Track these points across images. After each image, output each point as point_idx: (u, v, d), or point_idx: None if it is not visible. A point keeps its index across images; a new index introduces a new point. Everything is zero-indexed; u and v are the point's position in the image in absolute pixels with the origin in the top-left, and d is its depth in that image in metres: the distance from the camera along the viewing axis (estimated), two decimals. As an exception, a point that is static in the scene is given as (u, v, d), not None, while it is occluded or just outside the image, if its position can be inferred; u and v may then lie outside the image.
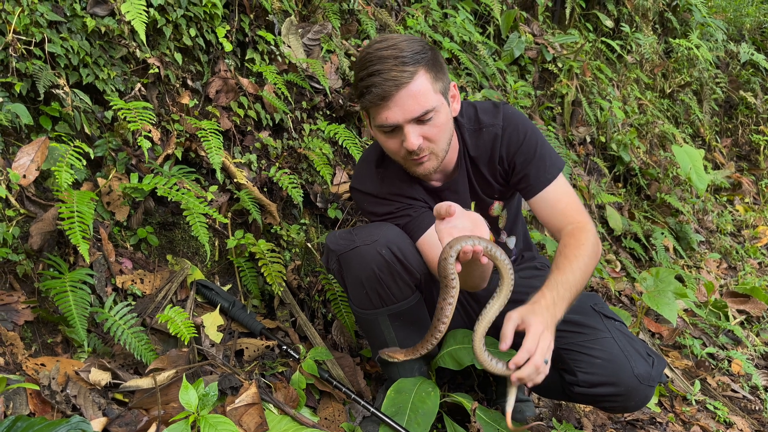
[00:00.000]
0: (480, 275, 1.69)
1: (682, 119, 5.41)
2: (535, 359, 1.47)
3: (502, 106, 1.87)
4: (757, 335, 3.68)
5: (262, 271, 2.19)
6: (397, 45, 1.61)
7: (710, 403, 2.79)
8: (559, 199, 1.81)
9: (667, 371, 2.89)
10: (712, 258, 4.48)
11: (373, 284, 1.78)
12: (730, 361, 3.27)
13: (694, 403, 2.77)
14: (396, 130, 1.67)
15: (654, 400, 2.64)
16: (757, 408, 2.90)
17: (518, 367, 1.48)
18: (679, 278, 3.78)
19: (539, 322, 1.50)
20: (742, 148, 6.18)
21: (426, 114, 1.63)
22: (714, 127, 5.90)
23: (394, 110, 1.61)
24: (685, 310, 3.58)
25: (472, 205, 1.94)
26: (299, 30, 2.66)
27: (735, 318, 3.72)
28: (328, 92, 2.58)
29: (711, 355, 3.29)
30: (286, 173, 2.34)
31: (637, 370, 1.68)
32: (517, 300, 1.91)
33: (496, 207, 1.98)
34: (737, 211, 5.42)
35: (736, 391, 3.01)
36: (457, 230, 1.48)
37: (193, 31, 2.21)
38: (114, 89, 2.02)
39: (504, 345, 1.51)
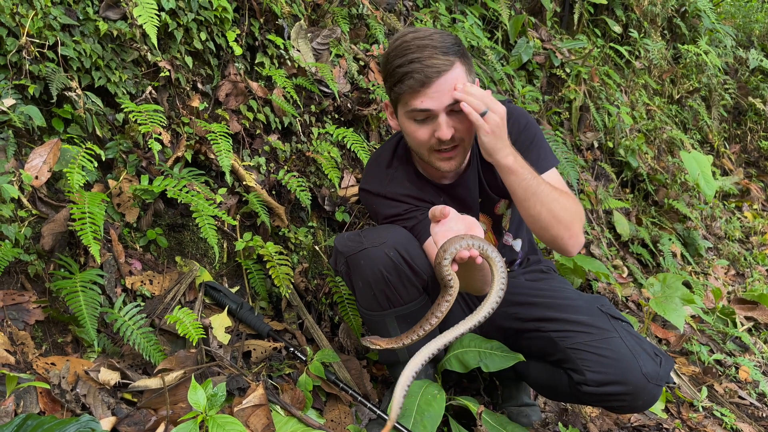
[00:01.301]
0: (481, 279, 1.69)
1: (690, 125, 5.40)
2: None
3: (507, 103, 1.89)
4: (765, 342, 3.66)
5: (269, 273, 2.20)
6: (432, 36, 1.67)
7: (717, 410, 2.78)
8: (554, 186, 1.80)
9: (674, 377, 2.88)
10: (720, 264, 4.46)
11: (380, 285, 1.79)
12: (737, 368, 3.25)
13: (701, 409, 2.76)
14: (428, 120, 1.69)
15: (661, 405, 2.63)
16: (764, 415, 2.89)
17: None
18: (687, 284, 3.76)
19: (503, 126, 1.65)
20: (750, 155, 6.16)
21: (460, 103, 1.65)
22: (722, 133, 5.88)
23: (433, 97, 1.64)
24: (693, 317, 3.57)
25: (478, 201, 1.95)
26: (308, 34, 2.68)
27: (743, 325, 3.71)
28: (337, 96, 2.60)
29: (718, 361, 3.28)
30: (295, 176, 2.36)
31: (645, 368, 1.68)
32: (523, 303, 1.92)
33: (501, 205, 1.99)
34: (746, 217, 5.39)
35: (743, 398, 3.00)
36: (452, 233, 1.48)
37: (203, 35, 2.24)
38: (125, 92, 2.05)
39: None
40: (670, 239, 4.13)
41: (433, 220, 1.52)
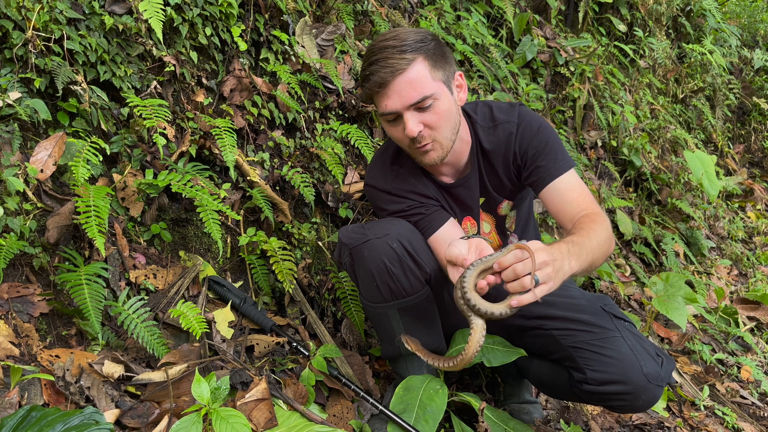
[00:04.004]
0: None
1: (694, 125, 5.39)
2: (520, 266, 1.38)
3: (518, 105, 1.89)
4: (767, 342, 3.66)
5: (273, 268, 2.21)
6: (399, 36, 1.67)
7: (719, 409, 2.78)
8: (572, 189, 1.78)
9: (676, 376, 2.88)
10: (723, 264, 4.46)
11: (383, 277, 1.80)
12: (739, 368, 3.25)
13: (702, 408, 2.77)
14: (398, 119, 1.71)
15: (662, 404, 2.63)
16: (765, 415, 2.89)
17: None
18: (689, 284, 3.76)
19: (543, 248, 1.40)
20: (754, 155, 6.15)
21: (424, 101, 1.66)
22: (726, 133, 5.87)
23: (393, 98, 1.66)
24: (695, 316, 3.57)
25: (480, 200, 1.96)
26: (313, 30, 2.68)
27: (745, 324, 3.70)
28: (341, 92, 2.60)
29: (720, 361, 3.28)
30: (299, 172, 2.36)
31: (646, 369, 1.68)
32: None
33: (505, 206, 1.99)
34: (749, 217, 5.39)
35: (745, 398, 3.00)
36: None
37: (208, 30, 2.24)
38: (130, 86, 2.05)
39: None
40: (673, 239, 4.13)
41: (450, 264, 1.53)
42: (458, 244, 1.53)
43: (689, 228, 4.42)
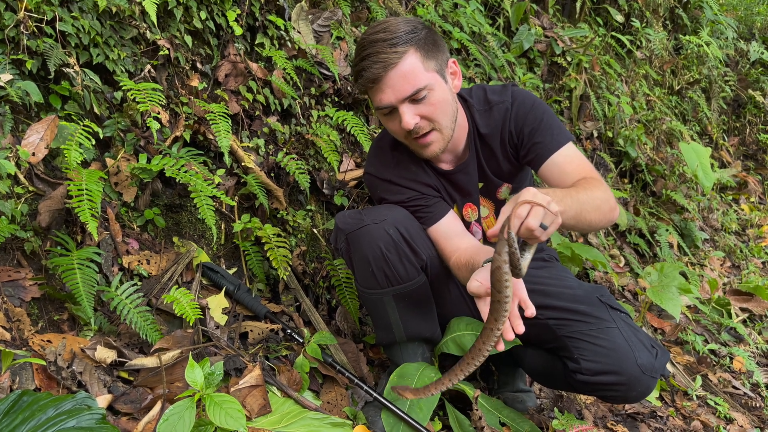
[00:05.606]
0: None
1: (689, 116, 5.40)
2: (531, 219, 1.28)
3: (511, 85, 1.88)
4: (759, 333, 3.68)
5: (267, 255, 2.20)
6: (389, 28, 1.65)
7: (711, 399, 2.79)
8: (570, 161, 1.74)
9: (668, 366, 2.89)
10: (716, 256, 4.48)
11: (379, 263, 1.79)
12: (731, 358, 3.27)
13: (695, 398, 2.78)
14: (393, 112, 1.69)
15: (655, 394, 2.64)
16: (757, 405, 2.90)
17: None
18: (683, 275, 3.77)
19: (537, 190, 1.32)
20: (749, 147, 6.16)
21: (418, 93, 1.64)
22: (721, 125, 5.88)
23: (387, 92, 1.65)
24: (688, 307, 3.58)
25: (479, 185, 1.94)
26: (309, 16, 2.65)
27: (738, 316, 3.72)
28: (337, 79, 2.58)
29: (713, 351, 3.29)
30: (294, 159, 2.34)
31: (640, 360, 1.68)
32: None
33: (504, 190, 1.98)
34: (742, 210, 5.41)
35: (737, 388, 3.02)
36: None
37: (203, 14, 2.21)
38: (124, 70, 2.02)
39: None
40: (667, 230, 4.13)
41: (476, 296, 1.49)
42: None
43: (683, 219, 4.43)
